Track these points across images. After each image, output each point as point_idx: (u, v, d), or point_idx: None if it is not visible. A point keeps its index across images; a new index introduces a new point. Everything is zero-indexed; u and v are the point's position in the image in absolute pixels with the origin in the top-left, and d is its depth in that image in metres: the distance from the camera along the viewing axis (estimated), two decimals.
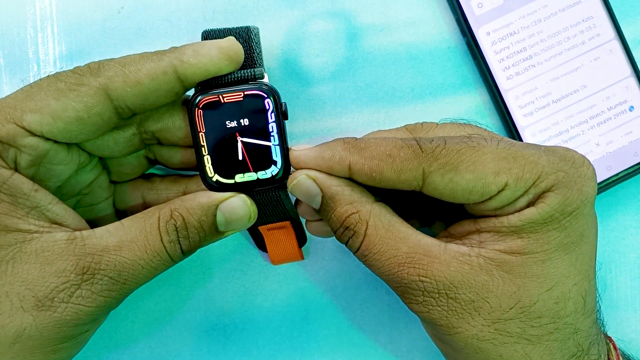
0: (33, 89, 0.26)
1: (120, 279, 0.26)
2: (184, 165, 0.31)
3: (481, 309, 0.26)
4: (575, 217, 0.26)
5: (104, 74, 0.26)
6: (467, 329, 0.26)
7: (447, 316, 0.26)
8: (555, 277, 0.26)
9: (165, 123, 0.29)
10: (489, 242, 0.26)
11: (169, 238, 0.27)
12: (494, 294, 0.26)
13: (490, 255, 0.26)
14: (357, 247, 0.27)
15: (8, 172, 0.26)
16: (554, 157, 0.26)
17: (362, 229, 0.27)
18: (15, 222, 0.26)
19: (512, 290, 0.26)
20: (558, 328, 0.26)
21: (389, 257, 0.26)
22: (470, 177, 0.25)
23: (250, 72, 0.28)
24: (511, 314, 0.26)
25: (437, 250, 0.26)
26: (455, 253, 0.26)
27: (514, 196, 0.26)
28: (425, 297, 0.26)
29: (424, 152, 0.26)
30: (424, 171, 0.26)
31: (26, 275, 0.25)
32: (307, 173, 0.27)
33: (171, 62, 0.26)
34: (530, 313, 0.26)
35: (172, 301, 0.35)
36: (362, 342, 0.35)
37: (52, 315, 0.25)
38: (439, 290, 0.26)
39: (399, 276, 0.26)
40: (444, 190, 0.26)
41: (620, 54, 0.35)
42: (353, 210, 0.27)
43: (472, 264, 0.26)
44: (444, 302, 0.26)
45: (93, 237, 0.26)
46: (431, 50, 0.35)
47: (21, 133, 0.26)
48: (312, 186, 0.27)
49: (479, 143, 0.26)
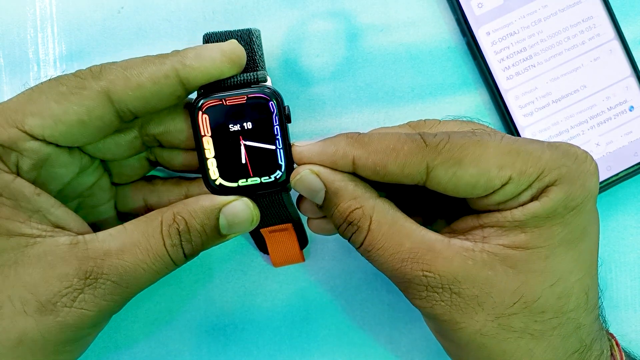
0: (34, 92, 0.26)
1: (122, 283, 0.26)
2: (185, 167, 0.31)
3: (485, 304, 0.26)
4: (579, 212, 0.26)
5: (106, 77, 0.26)
6: (471, 324, 0.26)
7: (450, 311, 0.26)
8: (559, 273, 0.26)
9: (167, 126, 0.29)
10: (493, 237, 0.26)
11: (171, 242, 0.27)
12: (498, 289, 0.25)
13: (494, 250, 0.26)
14: (361, 243, 0.27)
15: (10, 176, 0.26)
16: (557, 152, 0.26)
17: (365, 224, 0.27)
18: (18, 226, 0.26)
19: (516, 285, 0.26)
20: (561, 323, 0.26)
21: (392, 252, 0.26)
22: (474, 171, 0.25)
23: (252, 75, 0.28)
24: (515, 309, 0.26)
25: (440, 246, 0.26)
26: (458, 248, 0.26)
27: (518, 190, 0.26)
28: (428, 292, 0.26)
29: (428, 146, 0.26)
30: (427, 165, 0.26)
31: (29, 279, 0.25)
32: (311, 168, 0.27)
33: (173, 65, 0.26)
34: (533, 308, 0.26)
35: (172, 301, 0.35)
36: (362, 342, 0.35)
37: (54, 319, 0.25)
38: (443, 285, 0.26)
39: (402, 271, 0.26)
40: (447, 184, 0.26)
41: (620, 54, 0.35)
42: (357, 205, 0.27)
43: (475, 259, 0.26)
44: (448, 297, 0.26)
45: (95, 241, 0.26)
46: (431, 50, 0.35)
47: (23, 137, 0.26)
48: (315, 181, 0.27)
49: (482, 138, 0.26)
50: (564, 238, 0.26)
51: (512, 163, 0.25)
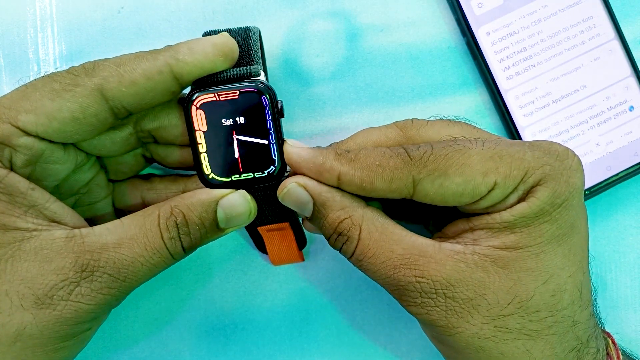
0: (28, 89, 0.26)
1: (119, 276, 0.26)
2: (181, 164, 0.31)
3: (479, 306, 0.26)
4: (565, 208, 0.26)
5: (99, 74, 0.26)
6: (467, 327, 0.26)
7: (446, 316, 0.26)
8: (550, 270, 0.26)
9: (161, 121, 0.29)
10: (483, 239, 0.26)
11: (169, 235, 0.27)
12: (491, 290, 0.26)
13: (485, 251, 0.26)
14: (352, 252, 0.27)
15: (3, 171, 0.26)
16: (538, 151, 0.26)
17: (355, 233, 0.27)
18: (14, 221, 0.26)
19: (509, 285, 0.26)
20: (557, 321, 0.26)
21: (384, 259, 0.26)
22: (460, 181, 0.26)
23: (246, 70, 0.28)
24: (509, 309, 0.26)
25: (432, 250, 0.26)
26: (450, 252, 0.26)
27: (504, 194, 0.26)
28: (423, 298, 0.26)
29: (412, 160, 0.26)
30: (414, 179, 0.26)
31: (25, 274, 0.25)
32: (297, 180, 0.27)
33: (166, 60, 0.26)
34: (528, 307, 0.26)
35: (172, 301, 0.35)
36: (362, 342, 0.35)
37: (51, 313, 0.25)
38: (437, 290, 0.26)
39: (395, 278, 0.26)
40: (435, 196, 0.26)
41: (620, 54, 0.35)
42: (345, 215, 0.27)
43: (467, 262, 0.26)
44: (442, 302, 0.26)
45: (92, 234, 0.26)
46: (431, 50, 0.35)
47: (16, 133, 0.26)
48: (302, 194, 0.27)
49: (464, 146, 0.26)
50: (553, 234, 0.26)
51: (495, 168, 0.25)
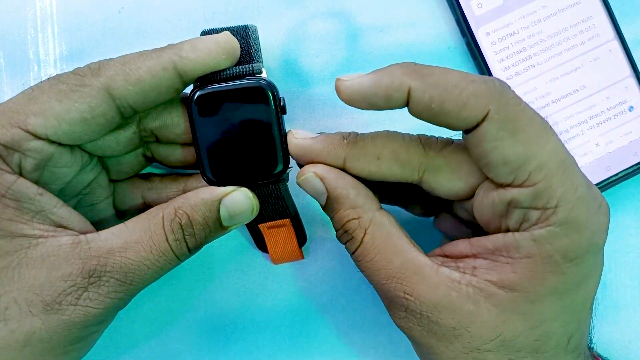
0: (35, 92, 0.26)
1: (126, 280, 0.26)
2: (182, 163, 0.31)
3: (461, 336, 0.25)
4: (577, 264, 0.25)
5: (105, 74, 0.26)
6: (445, 352, 0.26)
7: (426, 337, 0.26)
8: (542, 318, 0.25)
9: (164, 120, 0.29)
10: (482, 270, 0.26)
11: (174, 236, 0.27)
12: (477, 324, 0.25)
13: (481, 285, 0.25)
14: (353, 251, 0.28)
15: (12, 177, 0.26)
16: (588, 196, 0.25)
17: (359, 235, 0.27)
18: (21, 228, 0.26)
19: (496, 323, 0.25)
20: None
21: (380, 267, 0.27)
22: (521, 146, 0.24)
23: (248, 68, 0.28)
24: (491, 345, 0.25)
25: (428, 271, 0.26)
26: (446, 278, 0.26)
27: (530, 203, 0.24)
28: (407, 315, 0.26)
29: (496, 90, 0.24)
30: (489, 113, 0.24)
31: (33, 281, 0.25)
32: (315, 171, 0.27)
33: (170, 58, 0.27)
34: (510, 347, 0.25)
35: (172, 301, 0.35)
36: (362, 342, 0.35)
37: (60, 318, 0.25)
38: (421, 311, 0.26)
39: (387, 288, 0.26)
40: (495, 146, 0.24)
41: (620, 54, 0.35)
42: (354, 215, 0.27)
43: (460, 292, 0.25)
44: (425, 324, 0.26)
45: (98, 239, 0.26)
46: (431, 50, 0.35)
47: (26, 137, 0.26)
48: (318, 185, 0.27)
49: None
50: (556, 288, 0.25)
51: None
